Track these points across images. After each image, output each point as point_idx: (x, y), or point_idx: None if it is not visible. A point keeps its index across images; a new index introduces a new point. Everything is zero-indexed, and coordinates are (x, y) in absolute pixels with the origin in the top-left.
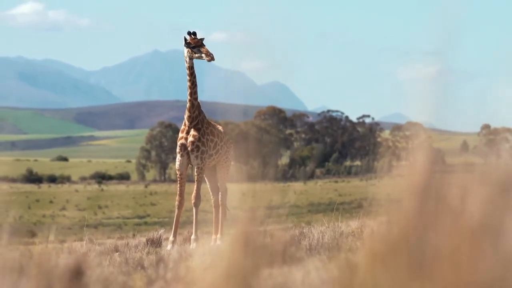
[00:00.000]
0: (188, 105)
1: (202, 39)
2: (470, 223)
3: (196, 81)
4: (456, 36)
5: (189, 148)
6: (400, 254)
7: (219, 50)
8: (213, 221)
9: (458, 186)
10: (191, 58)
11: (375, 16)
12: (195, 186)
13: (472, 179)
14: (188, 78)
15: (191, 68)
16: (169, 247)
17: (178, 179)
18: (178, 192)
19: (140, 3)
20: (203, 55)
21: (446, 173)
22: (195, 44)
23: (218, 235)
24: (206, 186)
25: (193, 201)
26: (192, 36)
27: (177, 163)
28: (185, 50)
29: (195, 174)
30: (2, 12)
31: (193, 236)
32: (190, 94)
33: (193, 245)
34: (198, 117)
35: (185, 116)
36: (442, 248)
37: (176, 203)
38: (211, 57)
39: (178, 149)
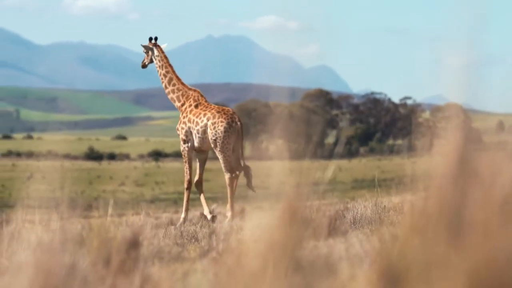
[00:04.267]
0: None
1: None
2: (501, 196)
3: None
4: (487, 19)
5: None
6: (437, 227)
7: (268, 34)
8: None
9: (490, 162)
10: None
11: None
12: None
13: (503, 155)
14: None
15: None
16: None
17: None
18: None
19: None
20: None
21: (482, 151)
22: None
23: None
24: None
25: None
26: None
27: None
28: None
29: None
30: (66, 1)
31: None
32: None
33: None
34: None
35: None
36: (475, 220)
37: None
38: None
39: None
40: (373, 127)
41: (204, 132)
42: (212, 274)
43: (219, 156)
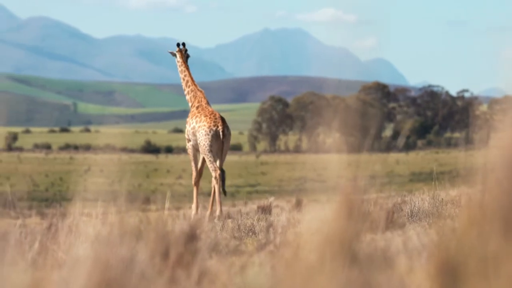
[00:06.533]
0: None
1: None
2: None
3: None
4: None
5: None
6: (495, 220)
7: (326, 27)
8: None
9: None
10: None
11: None
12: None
13: None
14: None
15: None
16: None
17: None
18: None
19: None
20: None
21: None
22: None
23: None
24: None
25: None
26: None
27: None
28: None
29: None
30: None
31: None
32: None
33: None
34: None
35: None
36: None
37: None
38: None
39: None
40: (431, 120)
41: (194, 134)
42: (270, 267)
43: (205, 158)
